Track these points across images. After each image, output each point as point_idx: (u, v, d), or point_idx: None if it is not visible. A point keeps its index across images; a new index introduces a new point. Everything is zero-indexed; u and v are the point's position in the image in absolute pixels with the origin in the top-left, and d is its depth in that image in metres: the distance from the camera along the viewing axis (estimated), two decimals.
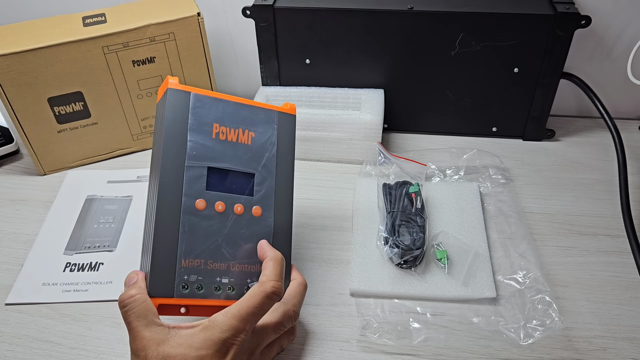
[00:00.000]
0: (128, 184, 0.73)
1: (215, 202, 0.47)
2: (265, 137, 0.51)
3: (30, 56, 0.66)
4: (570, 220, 0.66)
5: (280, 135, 0.52)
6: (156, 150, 0.48)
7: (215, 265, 0.46)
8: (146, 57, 0.72)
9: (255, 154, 0.50)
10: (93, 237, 0.66)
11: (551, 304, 0.55)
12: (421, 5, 0.70)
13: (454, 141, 0.79)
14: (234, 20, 0.82)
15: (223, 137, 0.48)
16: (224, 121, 0.49)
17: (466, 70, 0.74)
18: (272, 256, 0.47)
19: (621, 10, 0.73)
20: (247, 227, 0.48)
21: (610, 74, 0.79)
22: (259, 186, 0.50)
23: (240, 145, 0.49)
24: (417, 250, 0.58)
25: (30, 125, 0.71)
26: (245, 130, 0.50)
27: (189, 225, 0.46)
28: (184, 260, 0.45)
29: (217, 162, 0.48)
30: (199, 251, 0.46)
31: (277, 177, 0.51)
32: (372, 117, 0.72)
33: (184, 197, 0.46)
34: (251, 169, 0.50)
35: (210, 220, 0.47)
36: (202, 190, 0.47)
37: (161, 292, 0.44)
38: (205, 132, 0.48)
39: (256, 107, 0.51)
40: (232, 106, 0.50)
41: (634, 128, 0.81)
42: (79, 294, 0.59)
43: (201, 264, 0.46)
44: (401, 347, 0.53)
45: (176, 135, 0.47)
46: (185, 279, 0.45)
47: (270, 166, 0.51)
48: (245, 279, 0.47)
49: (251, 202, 0.49)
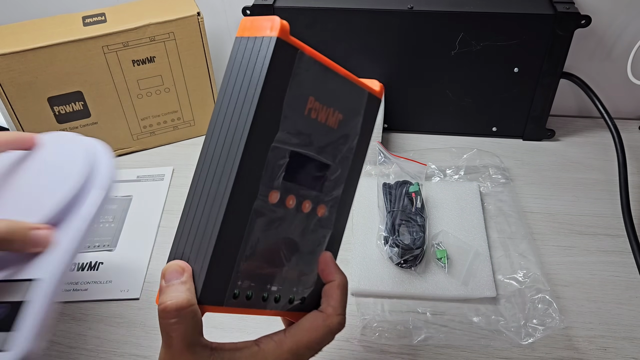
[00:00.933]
0: (128, 184, 0.73)
1: (287, 196, 0.38)
2: (352, 124, 0.41)
3: (30, 56, 0.66)
4: (570, 220, 0.66)
5: (364, 124, 0.42)
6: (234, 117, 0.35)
7: (269, 270, 0.38)
8: (146, 57, 0.72)
9: (337, 142, 0.40)
10: (93, 237, 0.66)
11: (551, 303, 0.55)
12: (421, 5, 0.70)
13: (454, 141, 0.79)
14: (234, 19, 0.82)
15: (314, 115, 0.38)
16: (321, 96, 0.38)
17: (466, 70, 0.74)
18: (340, 282, 0.40)
19: (621, 10, 0.73)
20: (308, 227, 0.40)
21: (610, 73, 0.79)
22: (329, 181, 0.41)
23: (326, 128, 0.39)
24: (417, 249, 0.58)
25: (30, 124, 0.71)
26: (335, 111, 0.39)
27: (258, 221, 0.36)
28: (243, 263, 0.36)
29: (302, 147, 0.38)
30: (259, 253, 0.37)
31: (349, 174, 0.42)
32: None
33: (261, 185, 0.36)
34: (328, 160, 0.40)
35: (278, 216, 0.38)
36: (279, 179, 0.37)
37: (212, 300, 0.35)
38: (300, 106, 0.37)
39: (352, 83, 0.41)
40: (333, 78, 0.39)
41: (634, 128, 0.81)
42: (78, 293, 0.59)
43: (257, 268, 0.37)
44: (401, 347, 0.53)
45: (271, 105, 0.35)
46: (238, 285, 0.36)
47: (347, 159, 0.42)
48: (292, 287, 0.40)
49: (319, 199, 0.40)
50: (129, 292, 0.59)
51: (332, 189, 0.41)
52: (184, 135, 0.81)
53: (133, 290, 0.59)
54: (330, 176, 0.41)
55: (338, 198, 0.42)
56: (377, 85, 0.44)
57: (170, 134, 0.80)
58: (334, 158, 0.41)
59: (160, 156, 0.79)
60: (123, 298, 0.58)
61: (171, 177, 0.74)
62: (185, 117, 0.79)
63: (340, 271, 0.41)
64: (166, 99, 0.76)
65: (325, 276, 0.41)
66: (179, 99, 0.77)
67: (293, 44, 0.36)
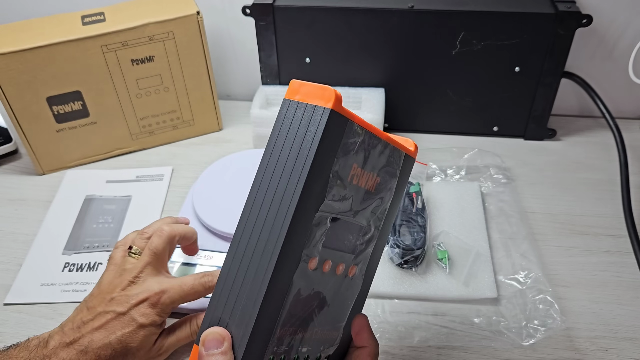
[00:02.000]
0: (127, 184, 0.73)
1: (324, 261, 0.37)
2: (388, 186, 0.41)
3: (29, 55, 0.66)
4: (571, 220, 0.66)
5: (399, 184, 0.42)
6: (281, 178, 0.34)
7: (302, 333, 0.37)
8: (145, 56, 0.71)
9: (372, 204, 0.40)
10: (92, 237, 0.65)
11: (552, 304, 0.54)
12: (422, 3, 0.70)
13: (455, 140, 0.79)
14: (233, 19, 0.82)
15: (356, 181, 0.37)
16: (363, 162, 0.38)
17: (467, 69, 0.73)
18: (372, 351, 0.40)
19: (622, 9, 0.73)
20: (339, 288, 0.40)
21: (611, 73, 0.79)
22: (362, 243, 0.40)
23: (364, 192, 0.39)
24: (417, 250, 0.58)
25: (28, 124, 0.71)
26: (374, 174, 0.39)
27: (297, 288, 0.35)
28: (279, 329, 0.35)
29: (343, 213, 0.37)
30: (295, 318, 0.36)
31: (381, 233, 0.42)
32: (372, 116, 0.71)
33: (304, 253, 0.35)
34: (363, 222, 0.40)
35: (315, 282, 0.37)
36: (319, 246, 0.36)
37: None
38: (346, 174, 0.36)
39: (391, 147, 0.40)
40: (376, 144, 0.38)
41: (635, 128, 0.81)
42: (77, 294, 0.59)
43: (292, 332, 0.36)
44: (402, 348, 0.52)
45: (320, 174, 0.34)
46: (274, 351, 0.35)
47: (379, 220, 0.41)
48: (319, 346, 0.39)
49: (351, 261, 0.40)
50: None
51: (364, 250, 0.41)
52: (183, 134, 0.81)
53: None
54: (363, 237, 0.40)
55: (368, 257, 0.42)
56: (412, 145, 0.43)
57: (169, 133, 0.80)
58: (368, 220, 0.40)
59: (160, 156, 0.79)
60: None
61: (170, 177, 0.74)
62: (185, 116, 0.79)
63: (374, 337, 0.41)
64: (165, 98, 0.76)
65: (359, 341, 0.41)
66: (178, 98, 0.77)
67: (344, 116, 0.35)
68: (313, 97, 0.35)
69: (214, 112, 0.81)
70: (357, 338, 0.41)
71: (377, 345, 0.41)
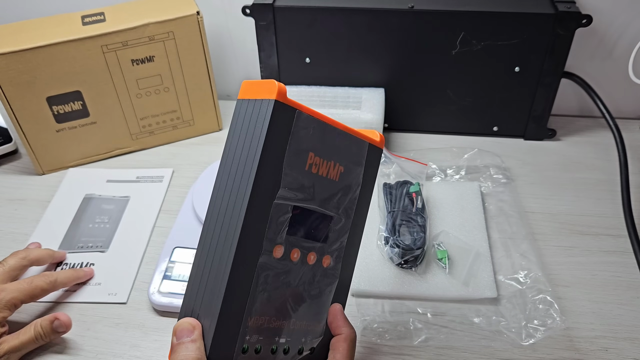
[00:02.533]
0: (127, 184, 0.73)
1: (291, 250, 0.39)
2: (353, 175, 0.43)
3: (29, 55, 0.66)
4: (571, 220, 0.66)
5: (366, 175, 0.44)
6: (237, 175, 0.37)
7: (277, 323, 0.39)
8: (145, 56, 0.71)
9: (339, 193, 0.42)
10: (87, 237, 0.65)
11: (552, 304, 0.54)
12: (422, 4, 0.70)
13: (455, 140, 0.79)
14: (233, 19, 0.82)
15: (315, 170, 0.39)
16: (320, 151, 0.40)
17: (467, 69, 0.73)
18: (348, 336, 0.41)
19: (622, 9, 0.73)
20: (314, 278, 0.41)
21: (611, 73, 0.79)
22: (334, 232, 0.42)
23: (327, 181, 0.41)
24: (417, 250, 0.58)
25: (28, 124, 0.71)
26: (336, 164, 0.41)
27: (263, 276, 0.37)
28: (250, 318, 0.37)
29: (304, 202, 0.39)
30: (266, 307, 0.38)
31: (353, 224, 0.43)
32: (372, 117, 0.71)
33: (265, 241, 0.37)
34: (332, 211, 0.41)
35: (283, 270, 0.39)
36: (283, 234, 0.38)
37: (221, 357, 0.36)
38: (300, 163, 0.38)
39: (350, 136, 0.42)
40: (331, 132, 0.40)
41: (635, 127, 0.81)
42: (67, 294, 0.59)
43: (265, 321, 0.38)
44: (402, 347, 0.52)
45: (272, 164, 0.37)
46: (247, 340, 0.37)
47: (350, 210, 0.43)
48: (300, 337, 0.40)
49: (324, 251, 0.41)
50: (117, 295, 0.58)
51: (336, 239, 0.42)
52: (183, 134, 0.81)
53: (121, 294, 0.59)
54: (334, 227, 0.42)
55: (343, 247, 0.43)
56: (377, 136, 0.45)
57: (169, 133, 0.80)
58: (337, 209, 0.42)
59: (160, 156, 0.79)
60: (110, 302, 0.58)
61: (170, 179, 0.74)
62: (185, 116, 0.79)
63: (349, 324, 0.42)
64: (165, 98, 0.76)
65: (334, 329, 0.42)
66: (178, 98, 0.77)
67: (291, 105, 0.37)
68: (260, 93, 0.37)
69: (214, 112, 0.81)
70: (332, 326, 0.42)
71: (352, 331, 0.42)
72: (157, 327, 0.56)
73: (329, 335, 0.42)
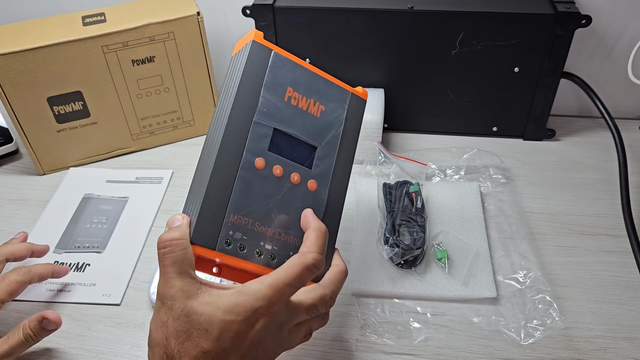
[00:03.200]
0: (126, 185, 0.73)
1: (274, 165, 0.46)
2: (335, 115, 0.50)
3: (30, 56, 0.66)
4: (570, 220, 0.66)
5: (349, 117, 0.51)
6: (225, 101, 0.46)
7: (262, 228, 0.44)
8: (146, 57, 0.71)
9: (321, 128, 0.49)
10: (84, 237, 0.65)
11: (552, 303, 0.55)
12: (421, 4, 0.70)
13: (455, 141, 0.79)
14: (233, 19, 0.82)
15: (294, 102, 0.47)
16: (299, 87, 0.48)
17: (466, 69, 0.73)
18: (316, 227, 0.44)
19: (622, 9, 0.73)
20: (300, 198, 0.47)
21: (610, 73, 0.79)
22: (319, 161, 0.48)
23: (309, 115, 0.48)
24: (417, 249, 0.58)
25: (29, 125, 0.71)
26: (316, 102, 0.49)
27: (245, 180, 0.44)
28: (232, 215, 0.43)
29: (284, 126, 0.47)
30: (249, 209, 0.44)
31: (338, 157, 0.49)
32: (372, 117, 0.72)
33: (246, 151, 0.44)
34: (315, 142, 0.48)
35: (267, 181, 0.45)
36: (264, 149, 0.45)
37: (204, 242, 0.42)
38: (279, 93, 0.46)
39: (331, 83, 0.50)
40: (309, 75, 0.49)
41: (634, 128, 0.81)
42: (61, 294, 0.59)
43: (249, 223, 0.44)
44: (401, 347, 0.53)
45: (250, 89, 0.45)
46: (230, 235, 0.43)
47: (334, 144, 0.49)
48: (288, 251, 0.46)
49: (308, 175, 0.48)
50: (110, 296, 0.58)
51: (321, 169, 0.48)
52: (183, 135, 0.81)
53: (115, 295, 0.59)
54: (318, 156, 0.48)
55: (329, 177, 0.49)
56: (360, 89, 0.52)
57: (170, 133, 0.80)
58: (320, 141, 0.49)
59: (161, 156, 0.79)
60: (104, 303, 0.58)
61: (170, 180, 0.74)
62: (185, 117, 0.79)
63: (317, 220, 0.46)
64: (166, 98, 0.76)
65: (304, 225, 0.46)
66: (179, 98, 0.77)
67: (267, 46, 0.47)
68: (243, 43, 0.47)
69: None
70: (302, 225, 0.46)
71: (321, 224, 0.45)
72: None
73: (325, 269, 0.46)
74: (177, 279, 0.39)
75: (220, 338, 0.38)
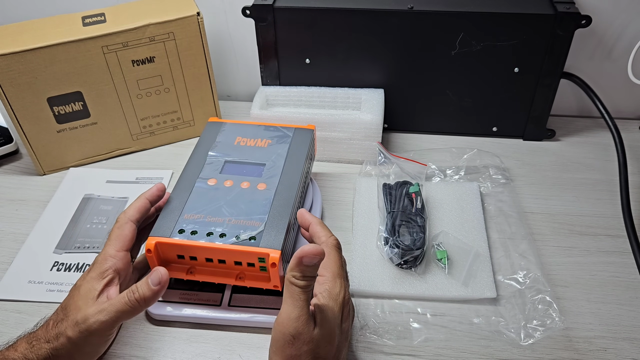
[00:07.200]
0: (126, 185, 0.73)
1: (225, 180, 0.58)
2: (281, 141, 0.62)
3: (30, 56, 0.66)
4: (570, 220, 0.66)
5: (295, 140, 0.63)
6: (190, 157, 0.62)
7: (212, 219, 0.53)
8: (146, 57, 0.71)
9: (269, 152, 0.61)
10: (84, 237, 0.65)
11: (551, 304, 0.55)
12: (421, 5, 0.70)
13: (454, 141, 0.79)
14: (233, 20, 0.82)
15: (243, 144, 0.62)
16: (246, 134, 0.63)
17: (466, 70, 0.73)
18: (317, 221, 0.51)
19: (621, 10, 0.73)
20: (249, 194, 0.56)
21: (610, 73, 0.79)
22: (268, 170, 0.59)
23: (257, 148, 0.62)
24: (417, 250, 0.58)
25: (29, 125, 0.71)
26: (263, 139, 0.63)
27: (199, 192, 0.56)
28: (186, 215, 0.54)
29: (234, 158, 0.60)
30: (200, 209, 0.54)
31: (286, 163, 0.60)
32: (372, 117, 0.72)
33: (200, 177, 0.58)
34: (263, 161, 0.60)
35: (217, 190, 0.56)
36: (216, 173, 0.58)
37: (159, 234, 0.52)
38: (229, 142, 0.62)
39: (275, 127, 0.64)
40: (255, 127, 0.65)
41: (634, 128, 0.81)
42: (61, 294, 0.59)
43: (200, 217, 0.54)
44: (401, 347, 0.53)
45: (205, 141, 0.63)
46: (183, 227, 0.52)
47: (282, 156, 0.60)
48: (238, 230, 0.52)
49: (258, 180, 0.58)
50: None
51: (270, 174, 0.58)
52: (183, 135, 0.81)
53: None
54: (267, 167, 0.59)
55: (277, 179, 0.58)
56: (307, 125, 0.65)
57: (170, 134, 0.80)
58: (267, 159, 0.60)
59: (161, 156, 0.79)
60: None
61: (169, 180, 0.74)
62: (185, 117, 0.79)
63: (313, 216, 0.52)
64: (166, 99, 0.76)
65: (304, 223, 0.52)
66: (179, 99, 0.77)
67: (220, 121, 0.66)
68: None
69: (214, 113, 0.81)
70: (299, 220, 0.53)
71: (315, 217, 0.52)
72: (158, 326, 0.56)
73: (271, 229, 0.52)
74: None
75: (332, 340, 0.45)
